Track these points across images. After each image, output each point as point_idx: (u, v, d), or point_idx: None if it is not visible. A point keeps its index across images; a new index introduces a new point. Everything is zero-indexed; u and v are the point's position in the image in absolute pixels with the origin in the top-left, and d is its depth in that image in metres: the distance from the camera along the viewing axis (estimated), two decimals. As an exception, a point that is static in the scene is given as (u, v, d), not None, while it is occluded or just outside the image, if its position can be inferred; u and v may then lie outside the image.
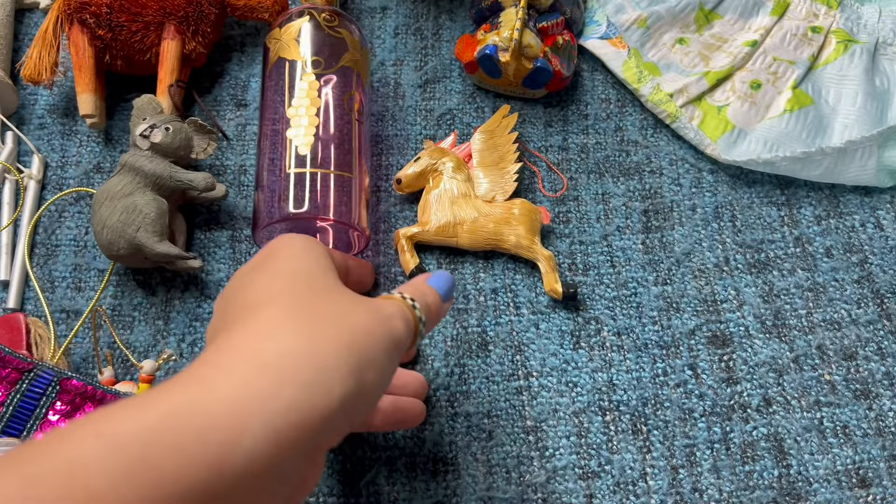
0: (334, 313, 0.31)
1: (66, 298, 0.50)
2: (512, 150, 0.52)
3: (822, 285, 0.51)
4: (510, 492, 0.45)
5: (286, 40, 0.51)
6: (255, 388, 0.26)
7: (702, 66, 0.57)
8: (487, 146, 0.52)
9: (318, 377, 0.28)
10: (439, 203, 0.50)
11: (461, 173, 0.51)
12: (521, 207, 0.50)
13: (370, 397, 0.30)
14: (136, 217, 0.46)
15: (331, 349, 0.29)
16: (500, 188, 0.51)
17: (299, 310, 0.30)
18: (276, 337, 0.29)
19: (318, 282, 0.33)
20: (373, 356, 0.30)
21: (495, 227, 0.49)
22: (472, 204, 0.50)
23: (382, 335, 0.31)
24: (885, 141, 0.51)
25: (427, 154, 0.52)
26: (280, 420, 0.26)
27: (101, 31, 0.51)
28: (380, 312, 0.33)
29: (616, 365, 0.49)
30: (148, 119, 0.49)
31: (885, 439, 0.47)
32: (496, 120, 0.53)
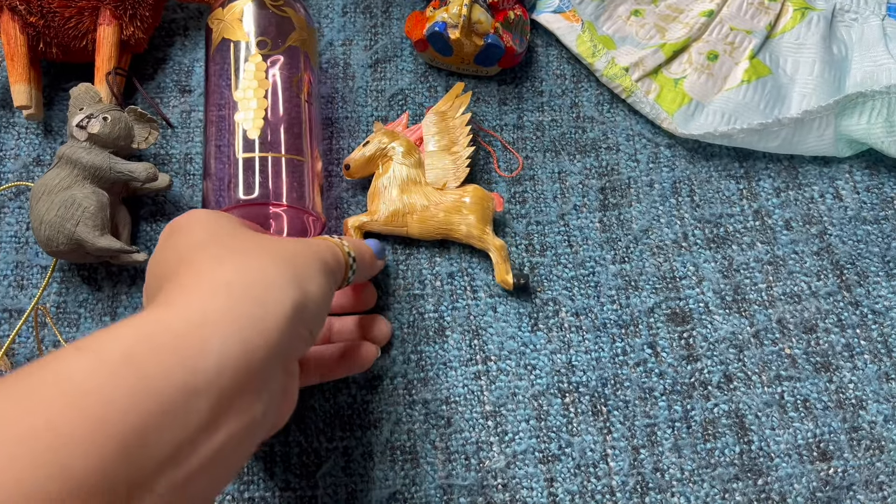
0: (263, 245, 0.34)
1: (7, 297, 0.48)
2: (465, 132, 0.50)
3: (781, 258, 0.51)
4: (470, 478, 0.44)
5: (229, 20, 0.49)
6: (214, 307, 0.29)
7: (658, 38, 0.56)
8: (439, 129, 0.50)
9: (267, 290, 0.31)
10: (388, 190, 0.48)
11: (411, 158, 0.49)
12: (473, 195, 0.48)
13: (317, 306, 0.33)
14: (74, 211, 0.45)
15: (270, 268, 0.32)
16: (451, 174, 0.49)
17: (229, 249, 0.33)
18: (219, 269, 0.31)
19: (236, 230, 0.35)
20: (309, 272, 0.33)
21: (445, 217, 0.48)
22: (422, 191, 0.48)
23: (312, 257, 0.35)
24: (842, 110, 0.51)
25: (376, 137, 0.50)
26: (243, 327, 0.29)
27: (33, 17, 0.49)
28: (307, 242, 0.36)
29: (575, 346, 0.48)
30: (85, 109, 0.47)
31: (845, 411, 0.46)
32: (448, 99, 0.51)
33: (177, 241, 0.34)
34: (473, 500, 0.44)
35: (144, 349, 0.26)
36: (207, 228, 0.35)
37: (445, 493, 0.44)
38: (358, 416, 0.46)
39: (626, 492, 0.44)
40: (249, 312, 0.29)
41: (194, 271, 0.31)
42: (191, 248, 0.33)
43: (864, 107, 0.50)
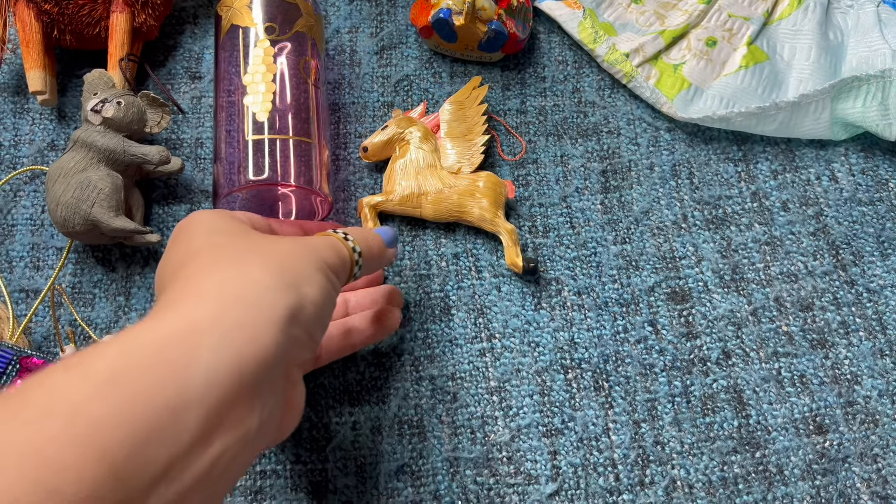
0: (257, 247, 0.33)
1: (24, 278, 0.49)
2: (480, 121, 0.52)
3: (778, 239, 0.52)
4: (475, 451, 0.46)
5: (238, 7, 0.50)
6: (203, 317, 0.28)
7: (657, 24, 0.57)
8: (456, 117, 0.52)
9: (259, 297, 0.29)
10: (404, 173, 0.50)
11: (428, 143, 0.50)
12: (487, 180, 0.50)
13: (317, 308, 0.32)
14: (90, 193, 0.46)
15: (263, 273, 0.30)
16: (466, 160, 0.51)
17: (223, 254, 0.32)
18: (209, 278, 0.30)
19: (234, 231, 0.34)
20: (305, 273, 0.32)
21: (459, 199, 0.49)
22: (438, 175, 0.50)
23: (309, 257, 0.33)
24: (837, 94, 0.52)
25: (395, 123, 0.51)
26: (234, 337, 0.28)
27: (48, 5, 0.51)
28: (305, 242, 0.35)
29: (577, 324, 0.49)
30: (99, 94, 0.48)
31: (840, 386, 0.48)
32: (466, 91, 0.53)
33: (178, 246, 0.34)
34: (479, 472, 0.45)
35: (131, 365, 0.26)
36: (205, 232, 0.34)
37: (452, 465, 0.45)
38: (366, 391, 0.47)
39: (627, 464, 0.46)
40: (240, 321, 0.28)
41: (185, 280, 0.31)
42: (187, 254, 0.33)
43: (859, 91, 0.51)
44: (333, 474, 0.45)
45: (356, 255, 0.38)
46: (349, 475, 0.45)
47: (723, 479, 0.45)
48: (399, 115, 0.52)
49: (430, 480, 0.45)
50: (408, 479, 0.45)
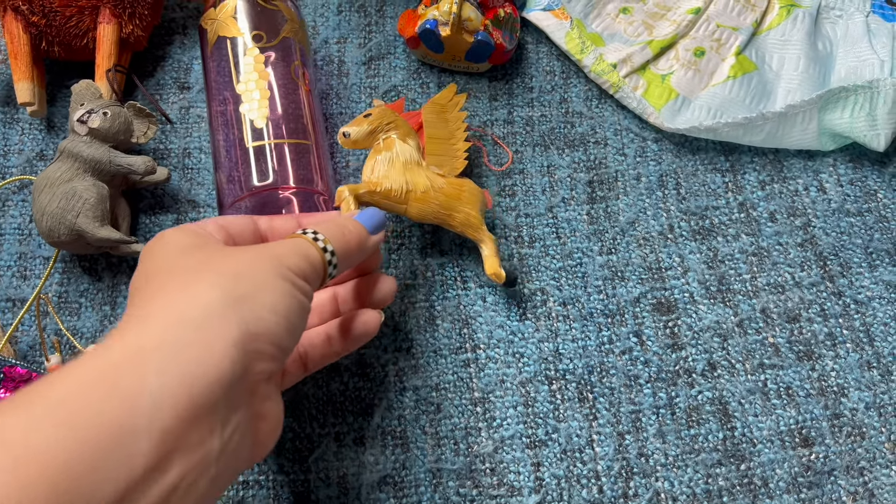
0: (211, 262, 0.32)
1: (11, 287, 0.49)
2: (462, 128, 0.50)
3: (766, 249, 0.52)
4: (458, 462, 0.45)
5: (223, 19, 0.50)
6: (149, 340, 0.27)
7: (645, 34, 0.57)
8: (439, 119, 0.50)
9: (208, 315, 0.29)
10: (392, 166, 0.46)
11: (413, 140, 0.48)
12: (470, 187, 0.48)
13: (279, 318, 0.31)
14: (75, 203, 0.46)
15: (211, 289, 0.30)
16: (449, 164, 0.49)
17: (175, 274, 0.31)
18: (158, 300, 0.30)
19: (193, 248, 0.33)
20: (263, 282, 0.31)
21: (446, 202, 0.47)
22: (425, 174, 0.47)
23: (267, 265, 0.32)
24: (825, 104, 0.52)
25: (378, 113, 0.47)
26: (183, 359, 0.27)
27: (35, 17, 0.51)
28: (265, 250, 0.33)
29: (562, 334, 0.49)
30: (86, 104, 0.49)
31: (827, 399, 0.47)
32: (446, 96, 0.51)
33: (138, 271, 0.33)
34: (462, 483, 0.45)
35: (76, 393, 0.25)
36: (165, 254, 0.33)
37: (435, 476, 0.45)
38: (350, 402, 0.47)
39: (611, 476, 0.45)
40: (186, 341, 0.28)
41: (134, 307, 0.30)
42: (144, 278, 0.32)
43: (846, 101, 0.51)
44: (315, 485, 0.45)
45: (329, 255, 0.36)
46: (331, 486, 0.45)
47: (707, 491, 0.45)
48: (380, 106, 0.49)
49: (413, 492, 0.45)
50: (390, 490, 0.45)
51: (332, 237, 0.37)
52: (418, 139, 0.49)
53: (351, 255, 0.38)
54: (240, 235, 0.38)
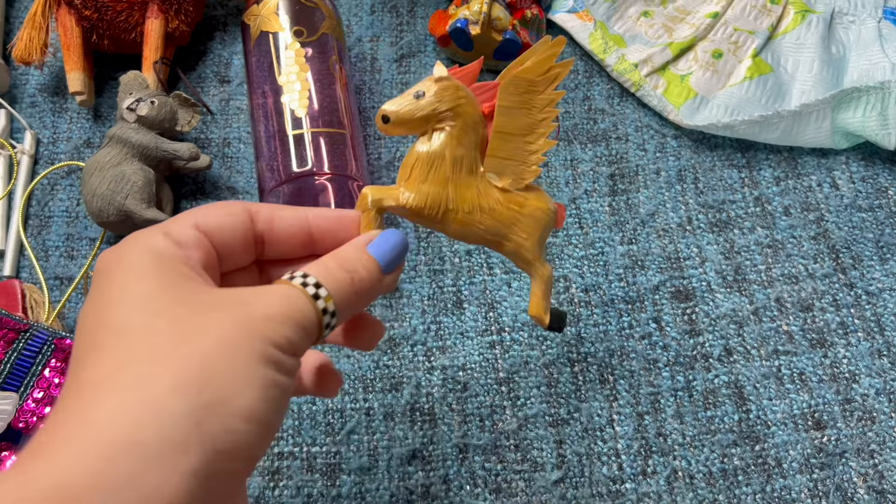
0: (177, 334, 0.24)
1: (59, 266, 0.52)
2: (549, 117, 0.35)
3: (780, 242, 0.54)
4: (484, 438, 0.48)
5: (266, 15, 0.53)
6: (80, 469, 0.21)
7: (666, 37, 0.60)
8: (521, 101, 0.35)
9: (161, 434, 0.22)
10: (435, 170, 0.34)
11: (474, 135, 0.34)
12: (536, 205, 0.36)
13: (254, 426, 0.24)
14: (124, 185, 0.49)
15: (171, 396, 0.23)
16: (516, 171, 0.35)
17: (126, 347, 0.24)
18: (97, 403, 0.23)
19: (156, 293, 0.25)
20: (238, 375, 0.24)
21: (494, 226, 0.35)
22: (476, 186, 0.34)
23: (245, 345, 0.25)
24: (838, 104, 0.54)
25: (437, 91, 0.33)
26: (120, 500, 0.21)
27: (88, 11, 0.54)
28: (243, 320, 0.25)
29: (584, 319, 0.51)
30: (134, 94, 0.51)
31: (838, 384, 0.49)
32: (543, 65, 0.34)
33: (90, 310, 0.26)
34: (487, 458, 0.47)
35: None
36: (122, 296, 0.25)
37: (461, 451, 0.47)
38: (380, 379, 0.49)
39: (630, 454, 0.47)
40: (135, 475, 0.22)
41: (73, 397, 0.23)
42: (91, 334, 0.25)
43: (858, 101, 0.53)
44: (347, 457, 0.47)
45: (325, 313, 0.28)
46: (362, 458, 0.47)
47: (723, 470, 0.47)
48: (444, 78, 0.34)
49: (441, 465, 0.47)
50: (419, 463, 0.47)
51: (336, 284, 0.28)
52: (484, 131, 0.35)
53: (356, 307, 0.30)
54: (227, 241, 0.30)
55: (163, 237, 0.27)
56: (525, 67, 0.33)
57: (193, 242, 0.28)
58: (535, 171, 0.36)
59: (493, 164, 0.35)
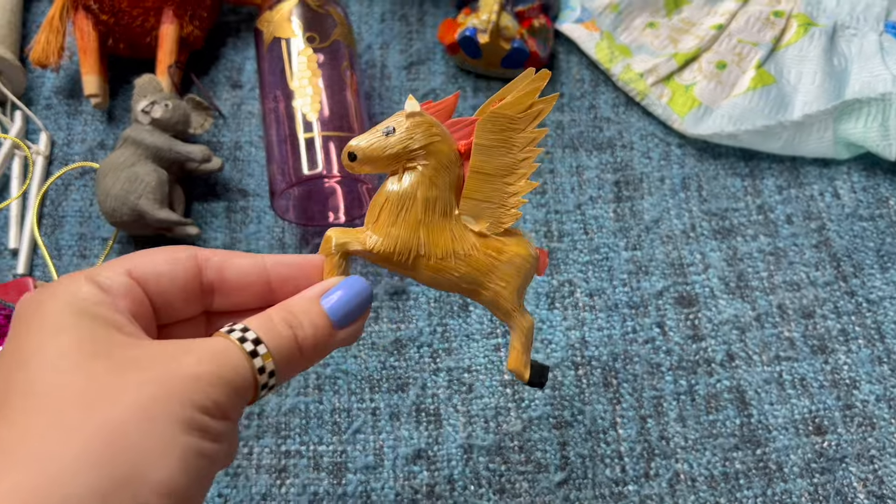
0: (88, 403, 0.22)
1: (71, 265, 0.53)
2: (532, 156, 0.32)
3: (782, 250, 0.55)
4: (488, 440, 0.48)
5: (279, 21, 0.54)
6: None
7: (671, 48, 0.61)
8: (498, 141, 0.32)
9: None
10: (405, 212, 0.32)
11: (448, 175, 0.32)
12: (516, 252, 0.33)
13: (172, 500, 0.22)
14: (138, 186, 0.50)
15: (73, 476, 0.21)
16: (494, 214, 0.33)
17: (38, 418, 0.22)
18: (4, 462, 0.21)
19: (73, 351, 0.23)
20: (156, 444, 0.22)
21: (469, 274, 0.33)
22: (451, 230, 0.32)
23: (165, 411, 0.23)
24: (840, 115, 0.55)
25: (409, 127, 0.32)
26: None
27: (105, 16, 0.55)
28: (169, 370, 0.23)
29: (588, 323, 0.52)
30: (149, 96, 0.52)
31: (839, 390, 0.50)
32: (524, 99, 0.31)
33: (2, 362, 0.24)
34: (491, 459, 0.48)
35: None
36: (36, 351, 0.24)
37: (466, 451, 0.48)
38: (387, 380, 0.50)
39: (633, 457, 0.48)
40: None
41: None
42: (4, 391, 0.23)
43: (860, 112, 0.54)
44: (353, 456, 0.48)
45: (262, 372, 0.26)
46: (368, 457, 0.47)
47: (724, 473, 0.47)
48: (416, 112, 0.32)
49: (445, 465, 0.47)
50: (424, 462, 0.47)
51: (277, 341, 0.26)
52: (459, 171, 0.32)
53: (299, 366, 0.27)
54: (164, 290, 0.27)
55: (88, 284, 0.25)
56: (505, 103, 0.31)
57: (123, 290, 0.26)
58: (514, 215, 0.33)
59: (470, 206, 0.33)
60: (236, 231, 0.54)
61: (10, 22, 0.59)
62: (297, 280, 0.29)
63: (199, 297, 0.28)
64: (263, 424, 0.48)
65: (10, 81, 0.58)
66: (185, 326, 0.29)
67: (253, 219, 0.55)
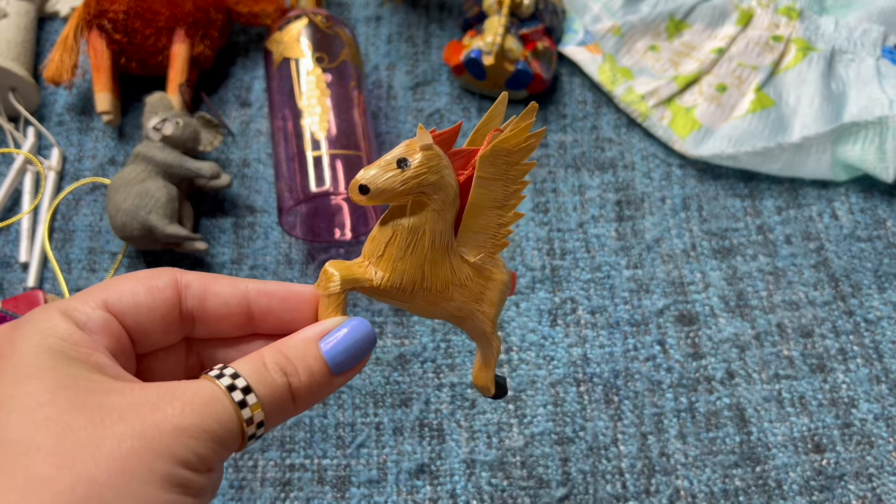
0: (61, 459, 0.21)
1: (81, 279, 0.54)
2: (522, 187, 0.32)
3: (781, 269, 0.55)
4: (491, 455, 0.49)
5: (288, 42, 0.55)
6: None
7: (672, 70, 0.62)
8: (496, 174, 0.32)
9: None
10: (413, 248, 0.31)
11: (453, 209, 0.31)
12: (499, 280, 0.33)
13: None
14: (148, 201, 0.51)
15: None
16: (486, 244, 0.32)
17: (5, 474, 0.21)
18: None
19: (47, 404, 0.22)
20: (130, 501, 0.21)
21: (465, 303, 0.32)
22: (451, 264, 0.32)
23: (144, 466, 0.21)
24: (838, 137, 0.56)
25: (421, 160, 0.30)
26: None
27: (118, 35, 0.56)
28: (149, 430, 0.22)
29: (590, 341, 0.52)
30: (160, 114, 0.53)
31: (838, 409, 0.50)
32: (521, 133, 0.31)
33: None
34: (494, 474, 0.48)
35: None
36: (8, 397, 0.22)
37: (469, 466, 0.48)
38: (390, 395, 0.50)
39: (634, 473, 0.48)
40: None
41: None
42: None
43: (857, 135, 0.55)
44: (357, 470, 0.48)
45: (250, 423, 0.24)
46: (371, 471, 0.48)
47: (724, 490, 0.48)
48: (430, 145, 0.30)
49: (448, 480, 0.48)
50: (426, 477, 0.48)
51: (268, 389, 0.25)
52: (459, 203, 0.32)
53: (290, 414, 0.26)
54: (142, 322, 0.26)
55: (64, 321, 0.24)
56: (505, 137, 0.30)
57: (100, 325, 0.24)
58: (503, 244, 0.33)
59: (467, 238, 0.32)
60: (244, 246, 0.55)
61: (24, 40, 0.60)
62: (280, 314, 0.28)
63: (179, 325, 0.27)
64: (268, 438, 0.49)
65: (24, 98, 0.59)
66: (165, 354, 0.28)
67: (260, 234, 0.56)
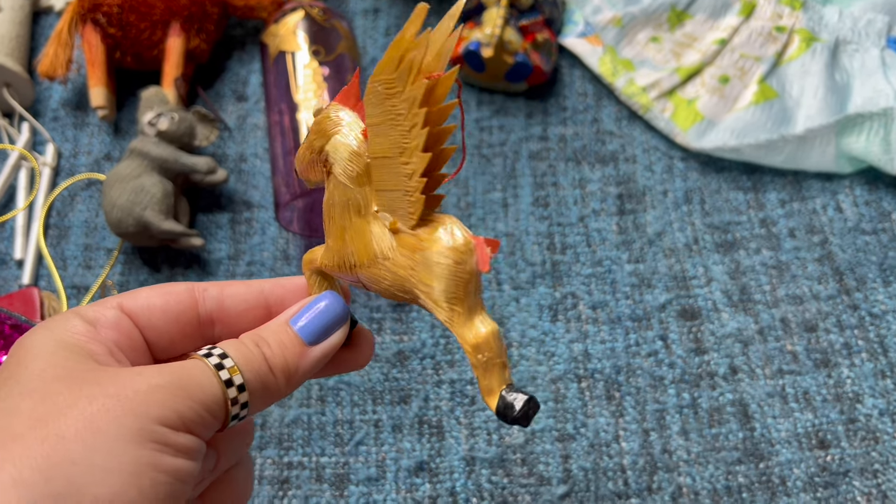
0: (35, 419, 0.22)
1: (76, 276, 0.53)
2: (418, 122, 0.24)
3: (785, 263, 0.55)
4: (491, 452, 0.48)
5: (284, 34, 0.55)
6: None
7: (673, 62, 0.61)
8: (384, 114, 0.25)
9: None
10: (332, 222, 0.28)
11: (356, 166, 0.27)
12: (438, 248, 0.25)
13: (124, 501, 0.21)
14: (143, 197, 0.50)
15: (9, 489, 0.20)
16: (402, 203, 0.26)
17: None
18: None
19: (37, 377, 0.23)
20: (100, 456, 0.21)
21: (396, 280, 0.27)
22: (370, 230, 0.27)
23: (116, 424, 0.22)
24: (842, 129, 0.55)
25: (312, 127, 0.28)
26: None
27: (112, 29, 0.55)
28: (124, 390, 0.22)
29: (591, 336, 0.52)
30: (155, 108, 0.53)
31: (842, 404, 0.50)
32: (392, 53, 0.24)
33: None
34: (494, 471, 0.48)
35: None
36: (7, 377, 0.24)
37: (468, 464, 0.48)
38: (389, 392, 0.50)
39: (636, 470, 0.48)
40: None
41: None
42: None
43: (862, 127, 0.55)
44: (355, 468, 0.48)
45: (233, 389, 0.25)
46: (370, 469, 0.47)
47: (727, 487, 0.47)
48: (318, 110, 0.28)
49: (448, 478, 0.47)
50: (426, 475, 0.47)
51: (245, 356, 0.26)
52: (365, 160, 0.27)
53: (272, 388, 0.26)
54: (157, 323, 0.27)
55: (76, 319, 0.25)
56: (377, 66, 0.24)
57: (111, 323, 0.26)
58: (417, 201, 0.25)
59: (383, 199, 0.26)
60: (240, 242, 0.55)
61: (19, 35, 0.60)
62: (293, 301, 0.29)
63: (198, 328, 0.28)
64: (266, 435, 0.49)
65: (19, 93, 0.58)
66: None
67: (257, 230, 0.55)
